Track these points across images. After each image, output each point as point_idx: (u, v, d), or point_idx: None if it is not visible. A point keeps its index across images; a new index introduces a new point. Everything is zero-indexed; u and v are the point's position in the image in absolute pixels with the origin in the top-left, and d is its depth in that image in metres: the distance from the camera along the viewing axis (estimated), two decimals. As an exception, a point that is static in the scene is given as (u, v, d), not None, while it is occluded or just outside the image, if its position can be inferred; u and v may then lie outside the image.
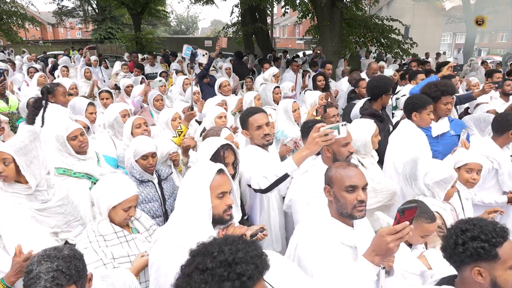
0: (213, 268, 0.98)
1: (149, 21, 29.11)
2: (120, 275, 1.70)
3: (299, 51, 20.05)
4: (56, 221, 2.35)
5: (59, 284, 1.30)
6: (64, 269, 1.32)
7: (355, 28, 12.05)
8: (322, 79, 5.49)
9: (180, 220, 1.65)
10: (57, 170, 2.69)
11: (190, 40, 30.60)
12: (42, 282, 1.28)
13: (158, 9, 23.58)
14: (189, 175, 1.74)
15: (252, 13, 15.31)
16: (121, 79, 6.60)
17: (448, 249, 1.46)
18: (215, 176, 1.68)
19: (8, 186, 2.23)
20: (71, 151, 2.74)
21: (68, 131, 2.74)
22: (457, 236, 1.43)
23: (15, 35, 18.57)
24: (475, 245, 1.38)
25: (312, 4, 11.65)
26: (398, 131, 3.22)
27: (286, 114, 3.70)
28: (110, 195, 2.07)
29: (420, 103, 3.14)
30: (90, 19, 32.21)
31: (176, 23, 51.11)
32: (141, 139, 2.70)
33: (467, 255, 1.39)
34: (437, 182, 2.33)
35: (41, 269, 1.31)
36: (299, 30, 39.58)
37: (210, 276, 0.97)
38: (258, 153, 2.69)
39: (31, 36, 31.28)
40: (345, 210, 1.73)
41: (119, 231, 2.08)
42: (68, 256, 1.37)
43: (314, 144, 2.04)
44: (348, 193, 1.71)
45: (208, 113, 3.70)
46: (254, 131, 2.69)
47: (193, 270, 1.01)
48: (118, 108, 3.60)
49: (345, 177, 1.73)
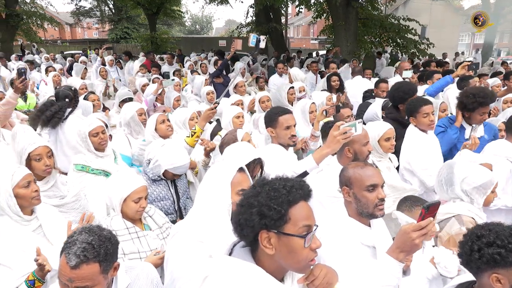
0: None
1: (164, 21, 29.43)
2: (144, 267, 1.73)
3: (313, 51, 19.95)
4: (73, 216, 2.41)
5: (86, 256, 1.40)
6: (96, 245, 1.43)
7: (371, 28, 11.92)
8: (336, 79, 5.43)
9: (199, 215, 1.67)
10: (75, 167, 2.75)
11: (204, 40, 30.80)
12: (74, 248, 1.41)
13: (173, 9, 23.83)
14: (211, 172, 1.76)
15: (266, 13, 15.32)
16: (138, 78, 6.69)
17: (464, 255, 1.43)
18: (236, 174, 1.70)
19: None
20: (91, 147, 2.81)
21: (90, 127, 2.82)
22: (473, 242, 1.40)
23: (34, 35, 18.98)
24: (491, 251, 1.34)
25: (327, 3, 11.58)
26: (405, 138, 3.17)
27: (303, 114, 3.72)
28: (118, 189, 2.12)
29: (412, 107, 3.09)
30: (106, 19, 32.80)
31: (191, 23, 51.50)
32: (177, 152, 2.62)
33: (483, 262, 1.36)
34: (476, 187, 2.22)
35: (79, 237, 1.45)
36: (314, 30, 39.34)
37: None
38: (280, 152, 2.70)
39: (49, 36, 31.95)
40: (366, 210, 1.74)
41: (131, 227, 2.12)
42: (105, 237, 1.49)
43: (335, 142, 2.08)
44: (369, 192, 1.73)
45: (225, 113, 3.68)
46: (282, 130, 2.70)
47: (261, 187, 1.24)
48: (135, 107, 3.65)
49: (364, 177, 1.74)
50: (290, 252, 1.19)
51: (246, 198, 1.23)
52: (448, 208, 2.26)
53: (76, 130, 2.84)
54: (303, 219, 1.19)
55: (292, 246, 1.19)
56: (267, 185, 1.23)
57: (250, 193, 1.24)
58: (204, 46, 21.58)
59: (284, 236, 1.18)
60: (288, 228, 1.18)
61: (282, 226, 1.18)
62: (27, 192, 1.97)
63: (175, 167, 2.55)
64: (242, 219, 1.20)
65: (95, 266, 1.42)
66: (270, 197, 1.18)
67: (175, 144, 2.78)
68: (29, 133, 2.48)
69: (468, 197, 2.26)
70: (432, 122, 3.06)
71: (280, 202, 1.17)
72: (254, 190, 1.24)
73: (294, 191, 1.20)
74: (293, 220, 1.18)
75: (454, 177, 2.29)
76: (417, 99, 3.23)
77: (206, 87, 5.32)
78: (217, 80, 6.51)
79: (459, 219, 2.17)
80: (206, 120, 3.14)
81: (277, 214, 1.16)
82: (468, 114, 3.27)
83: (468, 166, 2.34)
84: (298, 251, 1.19)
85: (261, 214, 1.17)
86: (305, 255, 1.20)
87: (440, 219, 2.19)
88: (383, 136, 2.76)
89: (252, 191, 1.25)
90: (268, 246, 1.19)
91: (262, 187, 1.23)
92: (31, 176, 2.03)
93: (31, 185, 2.00)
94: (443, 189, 2.36)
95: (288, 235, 1.18)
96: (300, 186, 1.23)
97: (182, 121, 3.62)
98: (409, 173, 3.06)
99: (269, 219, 1.16)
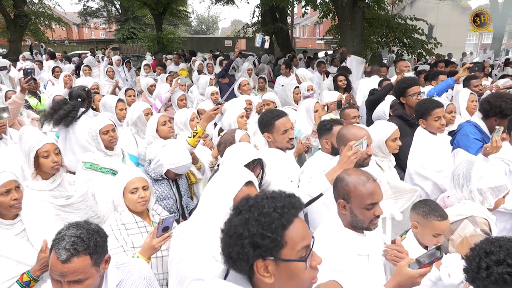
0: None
1: (170, 21, 29.54)
2: (137, 264, 1.74)
3: (319, 51, 19.90)
4: (79, 217, 2.44)
5: (76, 249, 1.42)
6: (84, 238, 1.45)
7: (377, 28, 11.84)
8: (343, 79, 5.40)
9: (200, 220, 1.68)
10: (84, 164, 2.79)
11: (210, 40, 30.85)
12: (63, 243, 1.43)
13: (180, 9, 23.91)
14: (218, 178, 1.75)
15: (272, 13, 15.29)
16: (143, 79, 6.72)
17: (470, 272, 1.34)
18: (242, 188, 1.68)
19: (34, 183, 2.32)
20: (101, 145, 2.84)
21: (101, 125, 2.85)
22: (480, 258, 1.30)
23: (42, 35, 19.18)
24: (500, 270, 1.24)
25: (333, 3, 11.53)
26: (414, 141, 3.09)
27: (308, 113, 3.72)
28: (116, 184, 2.19)
29: (423, 109, 2.99)
30: (113, 20, 33.02)
31: (197, 23, 51.63)
32: (179, 152, 2.64)
33: (491, 281, 1.26)
34: (492, 188, 2.23)
35: (67, 232, 1.47)
36: (320, 30, 39.25)
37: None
38: (278, 156, 2.65)
39: (57, 36, 32.23)
40: (361, 224, 1.73)
41: (140, 221, 2.17)
42: (93, 230, 1.51)
43: (349, 162, 2.05)
44: (368, 210, 1.70)
45: (229, 113, 3.67)
46: (279, 135, 2.62)
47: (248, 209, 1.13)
48: (142, 106, 3.66)
49: (366, 195, 1.69)
50: (291, 277, 1.10)
51: (233, 227, 1.10)
52: (459, 209, 2.23)
53: (87, 128, 2.88)
54: (300, 241, 1.09)
55: (293, 271, 1.09)
56: (255, 208, 1.10)
57: (237, 221, 1.11)
58: (210, 46, 21.63)
59: (282, 263, 1.08)
60: (285, 253, 1.07)
61: (279, 252, 1.07)
62: (5, 200, 1.92)
63: (177, 166, 2.57)
64: (233, 252, 1.08)
65: (86, 259, 1.43)
66: (261, 224, 1.06)
67: (177, 144, 2.80)
68: (36, 132, 2.51)
69: (481, 196, 2.24)
70: (443, 125, 2.98)
71: (273, 229, 1.06)
72: (241, 217, 1.11)
73: (286, 212, 1.09)
74: (290, 244, 1.08)
75: (473, 173, 2.27)
76: (429, 100, 3.09)
77: (210, 87, 5.33)
78: (223, 80, 6.52)
79: (473, 220, 2.13)
80: (208, 121, 3.13)
81: (272, 242, 1.06)
82: (497, 121, 3.06)
83: (488, 166, 2.35)
84: (299, 274, 1.10)
85: (254, 245, 1.06)
86: (307, 276, 1.11)
87: (452, 220, 2.15)
88: (391, 137, 2.73)
89: (238, 218, 1.11)
90: (266, 275, 1.08)
91: (249, 212, 1.10)
92: (12, 183, 1.95)
93: (10, 193, 1.94)
94: (459, 184, 2.32)
95: (287, 261, 1.08)
96: (292, 204, 1.12)
97: (183, 123, 3.59)
98: (420, 177, 2.98)
99: (264, 249, 1.06)
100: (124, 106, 4.04)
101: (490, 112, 3.13)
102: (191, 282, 1.53)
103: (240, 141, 2.75)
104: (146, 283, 1.69)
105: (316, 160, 2.66)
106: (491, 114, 3.13)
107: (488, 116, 3.16)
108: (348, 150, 2.06)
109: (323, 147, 2.68)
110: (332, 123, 2.69)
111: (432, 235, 2.03)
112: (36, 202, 2.18)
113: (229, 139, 2.79)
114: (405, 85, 3.57)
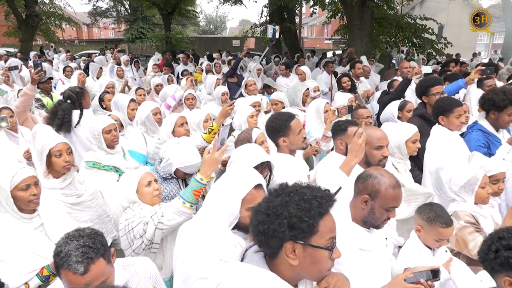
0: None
1: (179, 21, 29.65)
2: (142, 264, 1.75)
3: (328, 51, 19.80)
4: (89, 215, 2.46)
5: (89, 257, 1.40)
6: (90, 244, 1.44)
7: (386, 28, 11.75)
8: (347, 80, 5.34)
9: (206, 219, 1.68)
10: (87, 164, 2.83)
11: (218, 39, 30.93)
12: (73, 259, 1.39)
13: (188, 9, 24.00)
14: (227, 178, 1.75)
15: (280, 13, 15.26)
16: (151, 78, 6.75)
17: (481, 253, 1.43)
18: (251, 190, 1.68)
19: (46, 181, 2.35)
20: (103, 144, 2.87)
21: (104, 124, 2.89)
22: (492, 242, 1.39)
23: (52, 35, 19.40)
24: (506, 254, 1.32)
25: (341, 3, 11.47)
26: (430, 139, 3.07)
27: (317, 113, 3.68)
28: (127, 181, 2.20)
29: (445, 106, 2.98)
30: (122, 19, 33.29)
31: (205, 23, 51.74)
32: (189, 151, 2.65)
33: (497, 263, 1.35)
34: (462, 186, 2.26)
35: (69, 248, 1.42)
36: (328, 30, 39.07)
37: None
38: (288, 161, 2.61)
39: (67, 36, 32.57)
40: (374, 222, 1.76)
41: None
42: (91, 234, 1.49)
43: (361, 150, 2.07)
44: (387, 212, 1.74)
45: (239, 113, 3.66)
46: (295, 135, 2.61)
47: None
48: (150, 106, 3.68)
49: (391, 199, 1.73)
50: (314, 263, 1.19)
51: (272, 207, 1.18)
52: (448, 208, 2.28)
53: (89, 127, 2.91)
54: (329, 232, 1.20)
55: (317, 258, 1.19)
56: (295, 194, 1.19)
57: (277, 202, 1.19)
58: (218, 46, 21.67)
59: (310, 248, 1.17)
60: (315, 240, 1.17)
61: (310, 237, 1.17)
62: (25, 195, 1.97)
63: (186, 166, 2.57)
64: (269, 229, 1.16)
65: (101, 261, 1.45)
66: (300, 208, 1.15)
67: (188, 143, 2.80)
68: (49, 131, 2.54)
69: (459, 197, 2.29)
70: (463, 124, 2.99)
71: (312, 215, 1.15)
72: (281, 199, 1.19)
73: (324, 203, 1.19)
74: (320, 232, 1.17)
75: (441, 181, 2.35)
76: (450, 98, 3.11)
77: (220, 87, 5.31)
78: (232, 79, 6.52)
79: (456, 215, 2.23)
80: (224, 117, 3.20)
81: (308, 227, 1.15)
82: (495, 115, 3.09)
83: (451, 167, 2.36)
84: (322, 262, 1.20)
85: (292, 225, 1.14)
86: (327, 265, 1.21)
87: None
88: (411, 138, 2.70)
89: (277, 199, 1.20)
90: (292, 257, 1.17)
91: (289, 196, 1.19)
92: (32, 179, 2.00)
93: (30, 189, 1.98)
94: (437, 193, 2.41)
95: (315, 247, 1.17)
96: (329, 197, 1.22)
97: (196, 123, 3.61)
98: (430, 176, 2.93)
99: (299, 231, 1.15)
100: (135, 106, 4.04)
101: (485, 107, 3.17)
102: (196, 281, 1.53)
103: (256, 139, 2.74)
104: (152, 281, 1.71)
105: (330, 161, 2.63)
106: (486, 109, 3.17)
107: (487, 112, 3.18)
108: (358, 137, 2.06)
109: (337, 148, 2.64)
110: (347, 124, 2.66)
111: (434, 239, 2.03)
112: (48, 200, 2.20)
113: (246, 138, 2.78)
114: (428, 84, 3.55)
